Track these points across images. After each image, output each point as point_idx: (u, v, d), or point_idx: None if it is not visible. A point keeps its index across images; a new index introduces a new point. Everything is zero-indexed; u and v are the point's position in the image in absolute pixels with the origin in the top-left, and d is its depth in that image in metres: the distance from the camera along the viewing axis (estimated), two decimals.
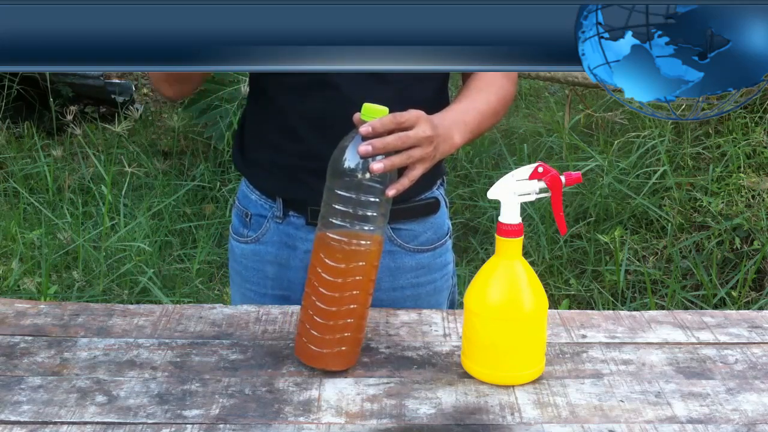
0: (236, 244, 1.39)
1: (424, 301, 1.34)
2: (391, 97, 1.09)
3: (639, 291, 2.89)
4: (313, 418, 0.95)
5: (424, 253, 1.34)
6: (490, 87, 1.27)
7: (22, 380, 1.03)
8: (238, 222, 1.38)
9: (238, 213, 1.39)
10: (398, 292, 1.33)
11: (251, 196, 1.36)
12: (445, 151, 1.15)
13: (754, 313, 1.23)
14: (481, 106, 1.24)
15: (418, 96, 1.21)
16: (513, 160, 3.65)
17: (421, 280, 1.35)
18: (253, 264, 1.36)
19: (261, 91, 1.31)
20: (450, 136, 1.16)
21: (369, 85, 1.18)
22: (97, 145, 4.00)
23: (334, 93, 1.16)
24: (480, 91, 1.26)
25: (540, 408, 0.98)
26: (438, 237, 1.35)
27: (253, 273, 1.36)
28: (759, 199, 2.97)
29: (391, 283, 1.32)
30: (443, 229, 1.37)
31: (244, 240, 1.37)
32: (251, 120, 1.34)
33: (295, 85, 1.24)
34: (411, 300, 1.33)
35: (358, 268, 1.02)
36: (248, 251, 1.36)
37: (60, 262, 2.99)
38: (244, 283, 1.38)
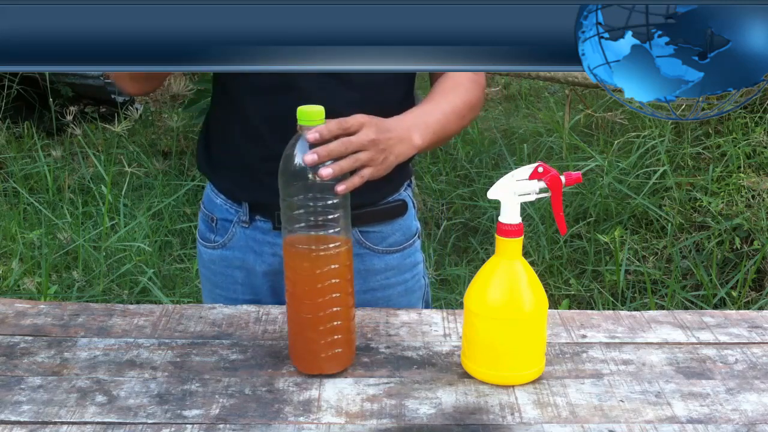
0: (204, 250, 1.38)
1: (395, 303, 1.35)
2: (357, 100, 1.09)
3: (639, 291, 2.89)
4: (313, 418, 0.95)
5: (393, 254, 1.34)
6: (455, 90, 1.26)
7: (22, 380, 1.03)
8: (205, 227, 1.38)
9: (203, 217, 1.38)
10: (369, 294, 1.33)
11: (216, 200, 1.35)
12: (402, 152, 1.14)
13: (754, 313, 1.23)
14: (446, 108, 1.23)
15: (383, 99, 1.21)
16: (513, 160, 3.65)
17: (391, 281, 1.35)
18: (221, 269, 1.36)
19: (225, 93, 1.30)
20: (407, 137, 1.15)
21: (334, 88, 1.18)
22: (97, 145, 4.00)
23: (299, 96, 1.14)
24: (445, 94, 1.25)
25: (540, 408, 0.98)
26: (406, 238, 1.36)
27: (222, 278, 1.36)
28: (759, 199, 2.97)
29: (362, 286, 1.31)
30: (411, 230, 1.37)
31: (211, 245, 1.36)
32: (215, 122, 1.34)
33: (259, 87, 1.24)
34: (383, 301, 1.34)
35: (331, 272, 1.01)
36: (216, 256, 1.36)
37: (60, 262, 2.99)
38: (214, 288, 1.38)
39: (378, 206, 1.32)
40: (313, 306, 1.01)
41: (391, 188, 1.34)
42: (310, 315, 1.02)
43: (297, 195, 1.00)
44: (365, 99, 1.17)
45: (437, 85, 1.28)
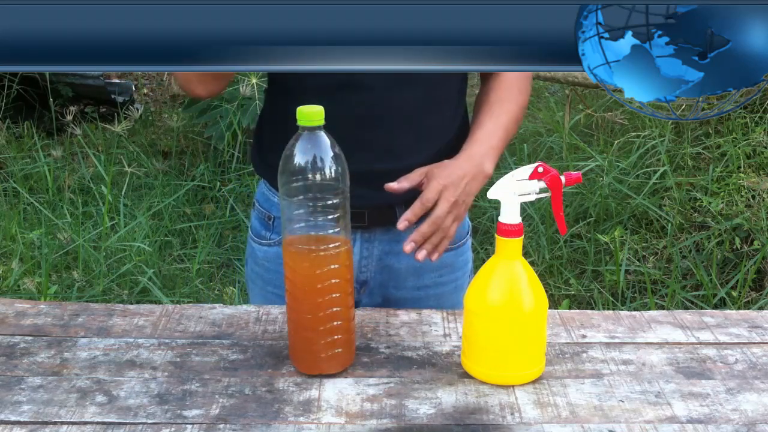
0: (258, 247, 1.38)
1: (446, 300, 1.35)
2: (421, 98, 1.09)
3: (639, 291, 2.89)
4: (313, 418, 0.95)
5: (448, 251, 1.33)
6: (509, 92, 1.28)
7: (22, 380, 1.03)
8: (259, 224, 1.37)
9: (258, 215, 1.38)
10: (422, 291, 1.33)
11: (273, 198, 1.35)
12: (477, 188, 1.19)
13: (754, 313, 1.23)
14: (505, 121, 1.26)
15: (443, 94, 1.22)
16: (513, 160, 3.65)
17: (444, 279, 1.35)
18: (276, 267, 1.35)
19: (281, 91, 1.30)
20: (480, 171, 1.19)
21: (397, 86, 1.19)
22: (97, 145, 4.00)
23: (362, 95, 1.16)
24: (501, 103, 1.27)
25: (540, 408, 0.98)
26: (460, 236, 1.36)
27: (277, 275, 1.35)
28: (759, 199, 2.97)
29: (416, 282, 1.33)
30: (464, 228, 1.38)
31: (267, 242, 1.36)
32: (271, 123, 1.33)
33: (319, 86, 1.21)
34: (434, 299, 1.34)
35: (331, 272, 1.01)
36: (271, 254, 1.35)
37: (60, 262, 2.99)
38: (266, 285, 1.38)
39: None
40: (313, 306, 1.01)
41: None
42: (310, 315, 1.02)
43: (297, 195, 1.00)
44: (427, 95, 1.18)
45: (492, 91, 1.29)
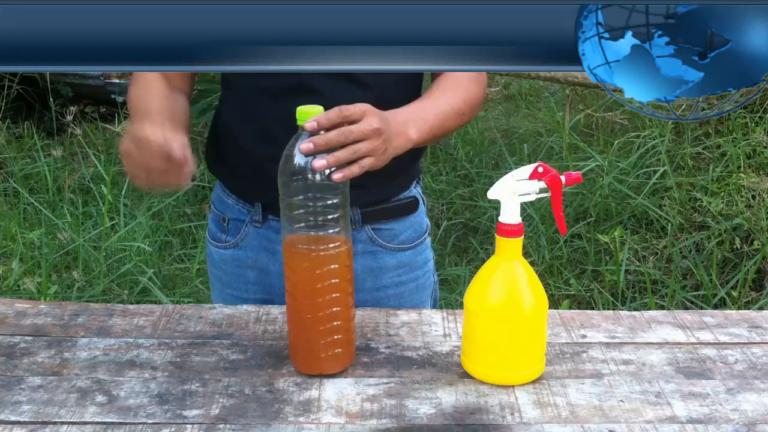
0: (214, 249, 1.38)
1: (407, 300, 1.34)
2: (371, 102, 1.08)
3: (639, 291, 2.89)
4: (313, 418, 0.95)
5: (405, 251, 1.34)
6: (456, 88, 1.25)
7: (22, 380, 1.03)
8: (215, 227, 1.38)
9: (214, 218, 1.38)
10: (381, 291, 1.33)
11: (227, 200, 1.35)
12: (398, 146, 1.12)
13: (754, 313, 1.23)
14: (444, 106, 1.22)
15: (395, 100, 1.21)
16: (513, 160, 3.65)
17: (403, 279, 1.35)
18: (232, 269, 1.35)
19: (234, 93, 1.30)
20: (404, 131, 1.13)
21: (347, 89, 1.18)
22: (97, 145, 4.00)
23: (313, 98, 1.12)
24: (444, 92, 1.25)
25: (540, 408, 0.98)
26: (417, 235, 1.36)
27: (233, 278, 1.36)
28: (759, 199, 2.97)
29: (374, 283, 1.32)
30: (422, 227, 1.37)
31: (223, 245, 1.36)
32: (224, 123, 1.33)
33: (272, 88, 1.23)
34: (394, 299, 1.33)
35: (331, 272, 1.01)
36: (227, 256, 1.35)
37: (60, 262, 2.99)
38: (224, 288, 1.38)
39: (390, 203, 1.32)
40: (313, 306, 1.01)
41: (403, 185, 1.34)
42: (309, 315, 1.02)
43: (297, 195, 1.00)
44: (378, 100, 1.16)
45: (437, 83, 1.27)
